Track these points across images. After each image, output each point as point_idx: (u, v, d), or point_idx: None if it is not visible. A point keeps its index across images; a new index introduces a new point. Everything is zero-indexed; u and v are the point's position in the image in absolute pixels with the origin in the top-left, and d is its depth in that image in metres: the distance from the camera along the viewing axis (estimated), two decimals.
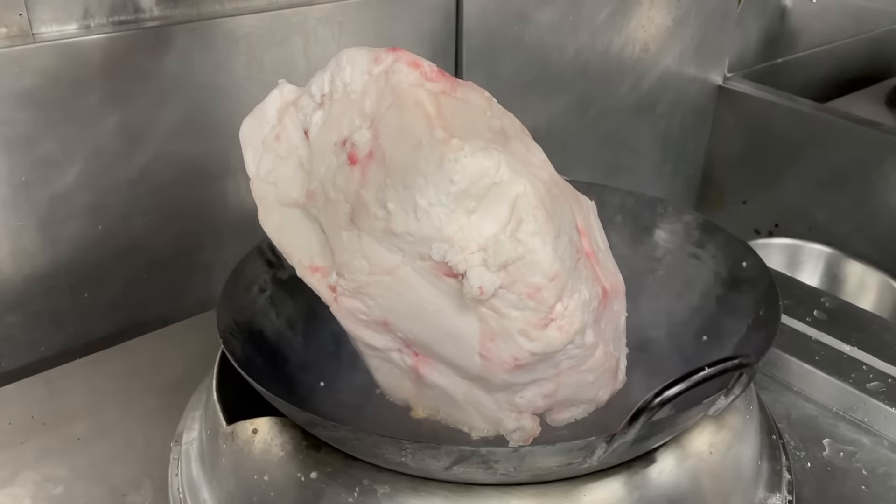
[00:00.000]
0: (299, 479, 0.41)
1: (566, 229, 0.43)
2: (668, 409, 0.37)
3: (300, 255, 0.47)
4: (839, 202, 1.18)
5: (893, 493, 0.53)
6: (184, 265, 0.79)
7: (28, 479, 0.54)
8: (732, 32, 1.28)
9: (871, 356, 0.63)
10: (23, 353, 0.72)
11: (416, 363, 0.47)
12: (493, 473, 0.37)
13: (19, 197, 0.66)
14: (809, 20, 1.43)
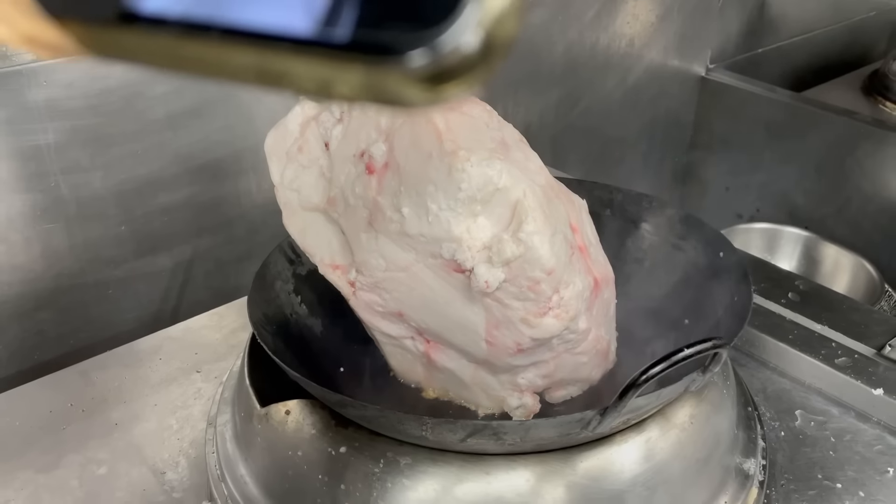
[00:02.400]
0: (329, 453, 0.46)
1: (561, 228, 0.48)
2: (652, 386, 0.43)
3: (322, 254, 0.52)
4: (817, 188, 1.23)
5: (858, 457, 0.59)
6: (200, 261, 0.84)
7: (73, 461, 0.59)
8: (714, 25, 1.33)
9: (839, 334, 0.69)
10: (54, 347, 0.77)
11: (427, 349, 0.53)
12: (502, 444, 0.43)
13: (49, 201, 0.71)
14: (788, 10, 1.48)
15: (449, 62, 0.11)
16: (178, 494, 0.56)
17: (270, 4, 0.11)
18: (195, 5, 0.12)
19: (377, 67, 0.11)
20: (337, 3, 0.11)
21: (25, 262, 0.72)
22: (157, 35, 0.12)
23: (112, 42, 0.12)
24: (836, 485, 0.57)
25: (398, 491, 0.44)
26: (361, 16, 0.11)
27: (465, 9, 0.11)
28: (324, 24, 0.11)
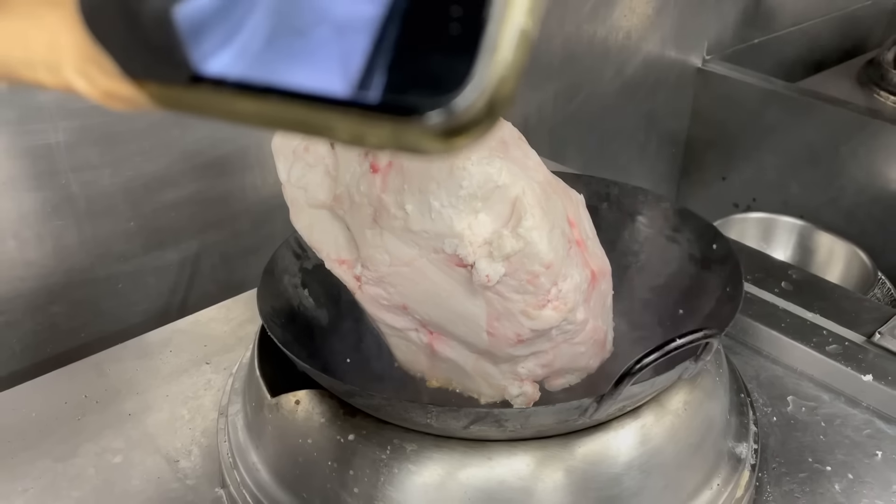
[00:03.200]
0: (338, 440, 0.48)
1: (559, 223, 0.50)
2: (647, 374, 0.45)
3: (328, 249, 0.54)
4: (812, 177, 1.25)
5: (847, 441, 0.61)
6: (206, 255, 0.86)
7: (89, 450, 0.61)
8: (710, 16, 1.34)
9: (831, 322, 0.71)
10: (66, 340, 0.79)
11: (430, 340, 0.55)
12: (503, 430, 0.45)
13: (60, 198, 0.73)
14: (784, 2, 1.49)
15: (460, 121, 0.13)
16: (192, 481, 0.58)
17: (314, 70, 0.13)
18: (251, 69, 0.14)
19: (401, 125, 0.13)
20: (369, 71, 0.13)
21: (38, 258, 0.74)
22: (218, 94, 0.14)
23: (180, 99, 0.14)
24: (825, 468, 0.59)
25: (404, 476, 0.46)
26: (389, 82, 0.13)
27: (472, 78, 0.13)
28: (358, 88, 0.13)
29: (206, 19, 0.14)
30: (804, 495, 0.57)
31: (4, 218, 0.70)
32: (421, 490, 0.46)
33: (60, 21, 0.14)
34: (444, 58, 0.13)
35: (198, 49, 0.14)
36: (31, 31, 0.15)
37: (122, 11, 0.14)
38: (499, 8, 0.13)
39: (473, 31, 0.13)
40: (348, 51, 0.13)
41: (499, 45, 0.13)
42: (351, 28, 0.13)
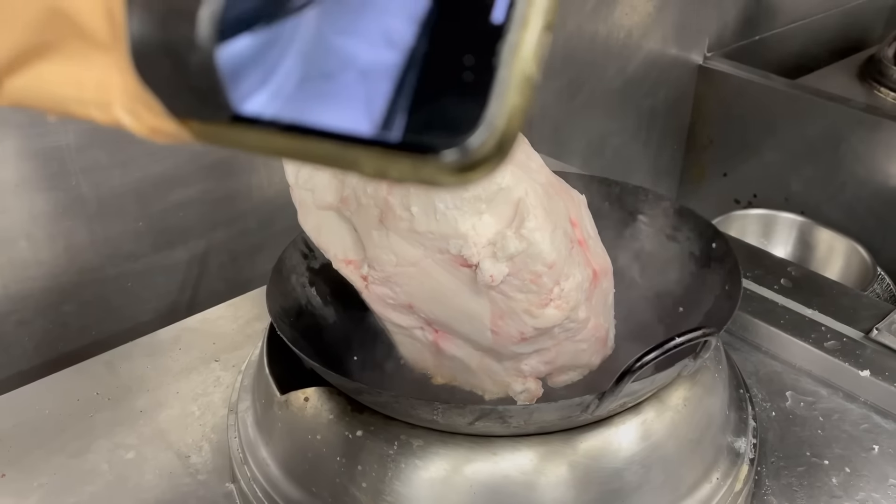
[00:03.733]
0: (347, 436, 0.49)
1: (561, 223, 0.51)
2: (647, 371, 0.46)
3: (335, 250, 0.55)
4: (812, 173, 1.26)
5: (845, 435, 0.63)
6: (214, 253, 0.87)
7: (102, 446, 0.63)
8: (711, 14, 1.35)
9: (829, 318, 0.72)
10: (77, 338, 0.80)
11: (436, 338, 0.56)
12: (507, 426, 0.46)
13: (70, 199, 0.74)
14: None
15: (473, 158, 0.14)
16: (203, 476, 0.59)
17: (341, 111, 0.15)
18: (284, 109, 0.15)
19: (420, 162, 0.15)
20: (391, 113, 0.15)
21: (49, 258, 0.75)
22: (255, 131, 0.15)
23: (220, 135, 0.16)
24: (823, 461, 0.60)
25: (411, 471, 0.48)
26: (409, 123, 0.15)
27: (484, 120, 0.14)
28: (381, 128, 0.15)
29: (244, 64, 0.15)
30: (802, 489, 0.58)
31: (17, 219, 0.71)
32: (427, 484, 0.47)
33: (109, 64, 0.16)
34: (459, 102, 0.14)
35: (236, 91, 0.15)
36: (83, 72, 0.16)
37: (172, 60, 0.15)
38: (507, 57, 0.14)
39: (485, 79, 0.14)
40: (372, 94, 0.15)
41: (507, 91, 0.15)
42: (374, 73, 0.15)
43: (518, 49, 0.15)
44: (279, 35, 0.15)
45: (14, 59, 0.16)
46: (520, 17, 0.15)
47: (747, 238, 1.16)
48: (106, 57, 0.16)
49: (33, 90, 0.17)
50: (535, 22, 0.15)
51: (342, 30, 0.15)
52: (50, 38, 0.16)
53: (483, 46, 0.15)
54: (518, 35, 0.15)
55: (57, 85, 0.16)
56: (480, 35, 0.15)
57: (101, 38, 0.16)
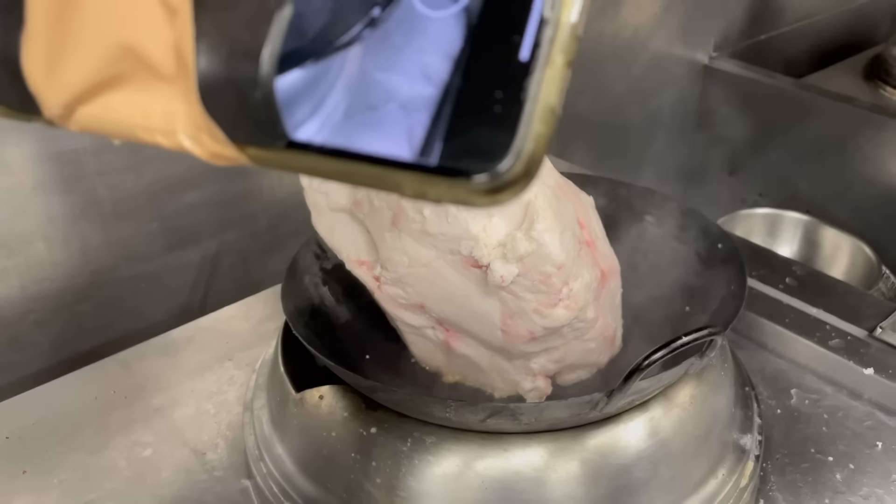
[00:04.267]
0: (361, 433, 0.50)
1: (569, 225, 0.52)
2: (655, 370, 0.47)
3: (348, 251, 0.56)
4: (818, 172, 1.27)
5: (849, 432, 0.63)
6: (225, 254, 0.88)
7: (119, 444, 0.64)
8: (717, 13, 1.36)
9: (833, 317, 0.73)
10: (92, 338, 0.81)
11: (447, 338, 0.57)
12: (518, 424, 0.47)
13: (86, 201, 0.75)
14: None
15: (502, 181, 0.16)
16: (219, 473, 0.61)
17: (384, 139, 0.16)
18: (332, 137, 0.17)
19: (455, 184, 0.16)
20: (428, 140, 0.16)
21: (65, 259, 0.76)
22: (306, 156, 0.17)
23: (274, 159, 0.17)
24: (828, 458, 0.61)
25: (424, 467, 0.49)
26: (444, 150, 0.16)
27: (512, 148, 0.16)
28: (419, 154, 0.16)
29: (298, 97, 0.17)
30: (806, 485, 0.59)
31: (34, 221, 0.73)
32: (440, 480, 0.49)
33: (174, 95, 0.17)
34: (489, 131, 0.16)
35: (291, 120, 0.17)
36: (149, 102, 0.17)
37: (236, 94, 0.16)
38: (533, 91, 0.16)
39: (513, 111, 0.16)
40: (412, 123, 0.16)
41: (533, 121, 0.16)
42: (414, 105, 0.16)
43: (543, 84, 0.16)
44: (328, 70, 0.17)
45: (87, 90, 0.18)
46: (544, 56, 0.16)
47: (753, 237, 1.16)
48: (171, 89, 0.17)
49: (103, 118, 0.18)
50: (558, 60, 0.16)
51: (384, 66, 0.17)
52: (120, 72, 0.17)
53: (511, 82, 0.16)
54: (543, 72, 0.16)
55: (125, 113, 0.18)
56: (509, 72, 0.16)
57: (168, 72, 0.17)
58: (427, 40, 0.16)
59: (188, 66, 0.17)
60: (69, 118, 0.19)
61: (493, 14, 0.16)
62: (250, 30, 0.16)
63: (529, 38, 0.16)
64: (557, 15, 0.16)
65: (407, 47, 0.17)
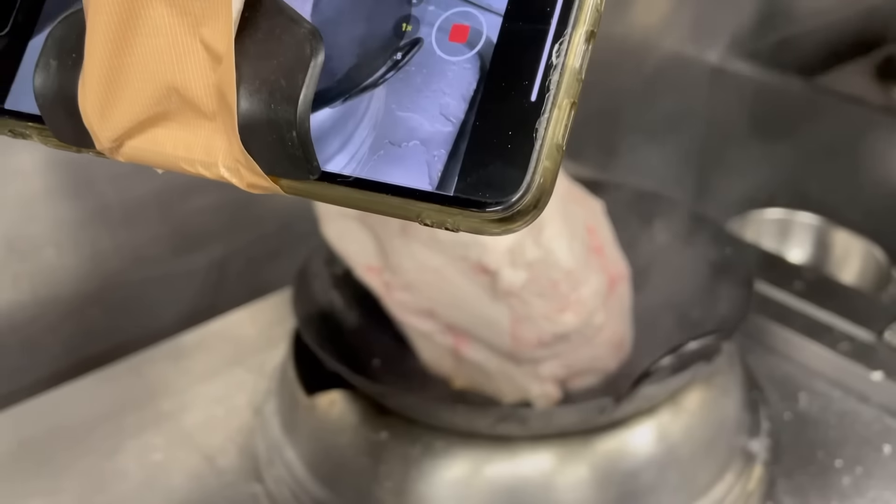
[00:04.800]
0: (371, 438, 0.51)
1: (578, 232, 0.52)
2: (662, 375, 0.47)
3: (358, 257, 0.57)
4: (830, 173, 1.26)
5: (856, 436, 0.63)
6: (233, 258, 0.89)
7: (131, 448, 0.64)
8: (728, 14, 1.35)
9: (842, 321, 0.72)
10: (102, 342, 0.82)
11: (456, 343, 0.57)
12: (527, 429, 0.48)
13: (96, 206, 0.76)
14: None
15: (513, 212, 0.17)
16: (230, 477, 0.61)
17: (406, 172, 0.18)
18: (359, 170, 0.18)
19: (471, 214, 0.18)
20: (446, 174, 0.18)
21: (75, 264, 0.77)
22: (335, 188, 0.19)
23: (305, 190, 0.19)
24: (835, 462, 0.61)
25: (433, 471, 0.49)
26: (461, 184, 0.18)
27: (524, 182, 0.17)
28: (438, 187, 0.18)
29: (328, 134, 0.19)
30: (814, 488, 0.59)
31: (45, 227, 0.73)
32: (449, 484, 0.49)
33: (214, 131, 0.19)
34: (502, 166, 0.17)
35: (321, 155, 0.19)
36: (191, 137, 0.19)
37: (273, 133, 0.18)
38: (542, 130, 0.17)
39: (524, 149, 0.17)
40: (431, 159, 0.18)
41: (542, 158, 0.17)
42: (433, 142, 0.18)
43: (550, 124, 0.17)
44: (355, 109, 0.19)
45: (136, 126, 0.19)
46: (552, 98, 0.17)
47: (764, 239, 1.16)
48: (212, 125, 0.19)
49: (149, 150, 0.20)
50: (564, 102, 0.18)
51: (406, 105, 0.18)
52: (166, 110, 0.19)
53: (522, 122, 0.17)
54: (550, 113, 0.17)
55: (169, 147, 0.19)
56: (520, 112, 0.18)
57: (210, 111, 0.19)
58: (445, 82, 0.18)
59: (230, 106, 0.18)
60: (118, 151, 0.20)
61: (504, 59, 0.18)
62: (288, 77, 0.18)
63: (538, 81, 0.18)
64: (563, 60, 0.18)
65: (427, 88, 0.18)
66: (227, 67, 0.18)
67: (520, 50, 0.18)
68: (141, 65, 0.19)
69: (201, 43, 0.18)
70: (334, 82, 0.19)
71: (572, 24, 0.18)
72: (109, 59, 0.19)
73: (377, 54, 0.19)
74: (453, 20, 0.18)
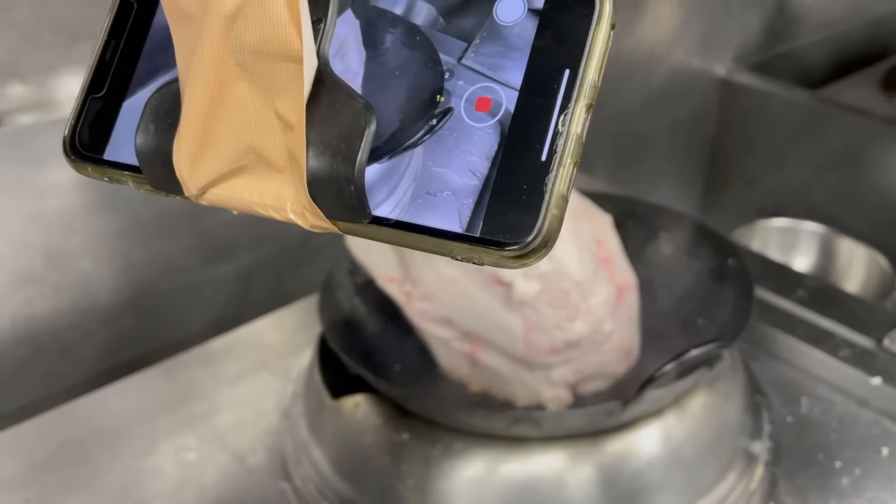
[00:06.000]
0: (393, 439, 0.54)
1: (587, 245, 0.56)
2: (667, 380, 0.50)
3: (381, 268, 0.60)
4: (835, 183, 1.29)
5: (856, 439, 0.66)
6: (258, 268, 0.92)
7: (166, 448, 0.68)
8: (734, 26, 1.38)
9: (843, 328, 0.75)
10: (134, 348, 0.86)
11: (472, 349, 0.61)
12: (540, 430, 0.51)
13: (131, 220, 0.80)
14: (808, 8, 1.52)
15: (527, 251, 0.21)
16: (259, 476, 0.65)
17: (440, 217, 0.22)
18: (402, 214, 0.22)
19: (493, 251, 0.21)
20: (473, 220, 0.21)
21: (111, 274, 0.81)
22: (382, 229, 0.22)
23: (358, 230, 0.23)
24: (835, 463, 0.64)
25: (452, 469, 0.53)
26: (485, 227, 0.21)
27: (535, 227, 0.21)
28: (466, 229, 0.21)
29: (376, 185, 0.22)
30: (814, 489, 0.62)
31: (83, 239, 0.77)
32: (467, 482, 0.52)
33: (284, 182, 0.23)
34: (518, 214, 0.21)
35: (372, 203, 0.22)
36: (264, 186, 0.23)
37: (334, 186, 0.22)
38: (550, 184, 0.21)
39: (536, 199, 0.21)
40: (461, 206, 0.22)
41: (550, 207, 0.21)
42: (462, 193, 0.22)
43: (557, 179, 0.21)
44: (399, 165, 0.22)
45: (219, 177, 0.23)
46: (558, 159, 0.21)
47: (770, 247, 1.19)
48: (282, 177, 0.23)
49: (228, 197, 0.24)
50: (569, 161, 0.21)
51: (440, 162, 0.22)
52: (244, 164, 0.23)
53: (534, 178, 0.21)
54: (557, 171, 0.21)
55: (246, 194, 0.23)
56: (532, 170, 0.21)
57: (280, 166, 0.23)
58: (472, 144, 0.22)
59: (300, 164, 0.22)
60: (202, 197, 0.24)
61: (520, 126, 0.22)
62: (347, 142, 0.21)
63: (547, 145, 0.21)
64: (567, 128, 0.21)
65: (457, 149, 0.22)
66: (299, 134, 0.22)
67: (532, 119, 0.22)
68: (226, 130, 0.23)
69: (275, 113, 0.22)
70: (382, 143, 0.22)
71: (574, 99, 0.21)
72: (201, 125, 0.23)
73: (416, 121, 0.22)
74: (478, 93, 0.22)
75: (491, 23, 0.22)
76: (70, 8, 0.72)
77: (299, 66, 0.21)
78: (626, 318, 0.61)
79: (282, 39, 0.21)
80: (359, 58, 0.23)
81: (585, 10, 0.22)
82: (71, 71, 0.74)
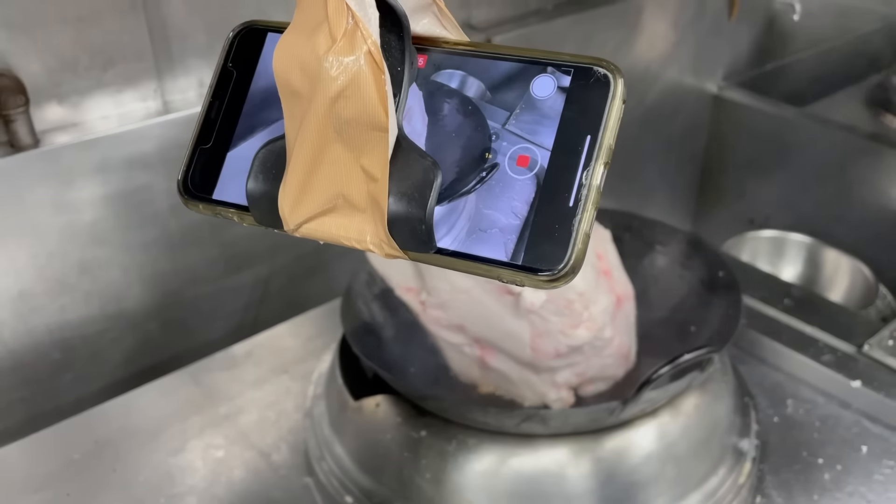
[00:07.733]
0: (412, 436, 0.59)
1: (589, 258, 0.61)
2: (662, 382, 0.55)
3: (398, 279, 0.66)
4: (821, 196, 1.34)
5: (837, 437, 0.71)
6: (275, 276, 0.97)
7: (195, 446, 0.73)
8: (725, 46, 1.44)
9: (826, 334, 0.81)
10: (158, 353, 0.91)
11: (482, 354, 0.66)
12: (547, 427, 0.56)
13: (159, 233, 0.84)
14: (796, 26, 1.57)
15: (558, 276, 0.26)
16: (284, 472, 0.70)
17: (490, 248, 0.27)
18: (459, 246, 0.27)
19: (531, 276, 0.26)
20: (516, 251, 0.27)
21: (138, 283, 0.86)
22: (443, 258, 0.28)
23: (424, 258, 0.28)
24: (818, 460, 0.69)
25: (466, 463, 0.58)
26: (525, 257, 0.26)
27: (565, 258, 0.26)
28: (511, 258, 0.27)
29: (440, 223, 0.28)
30: (798, 483, 0.67)
31: (114, 250, 0.82)
32: (480, 475, 0.57)
33: (365, 220, 0.28)
34: (551, 248, 0.26)
35: (436, 236, 0.28)
36: (349, 223, 0.29)
37: (409, 224, 0.27)
38: (576, 225, 0.26)
39: (565, 237, 0.26)
40: (506, 241, 0.27)
41: (577, 242, 0.26)
42: (507, 230, 0.27)
43: (582, 221, 0.26)
44: (457, 207, 0.28)
45: (312, 216, 0.29)
46: (583, 205, 0.26)
47: (759, 257, 1.24)
48: (363, 217, 0.28)
49: (318, 230, 0.29)
50: (591, 207, 0.26)
51: (489, 206, 0.27)
52: (333, 206, 0.29)
53: (564, 219, 0.26)
54: (582, 214, 0.26)
55: (333, 228, 0.29)
56: (562, 213, 0.26)
57: (362, 208, 0.28)
58: (514, 192, 0.27)
59: (381, 207, 0.27)
60: (297, 230, 0.29)
61: (552, 179, 0.27)
62: (419, 192, 0.27)
63: (573, 194, 0.26)
64: (590, 181, 0.27)
65: (502, 195, 0.27)
66: (382, 185, 0.27)
67: (562, 173, 0.27)
68: (322, 179, 0.28)
69: (361, 168, 0.28)
70: (443, 190, 0.28)
71: (595, 158, 0.27)
72: (304, 176, 0.28)
73: (470, 173, 0.28)
74: (519, 152, 0.27)
75: (528, 97, 0.28)
76: (106, 34, 0.77)
77: (385, 134, 0.27)
78: (625, 325, 0.66)
79: (372, 115, 0.27)
80: (422, 122, 0.29)
81: (603, 89, 0.27)
82: (104, 93, 0.79)
